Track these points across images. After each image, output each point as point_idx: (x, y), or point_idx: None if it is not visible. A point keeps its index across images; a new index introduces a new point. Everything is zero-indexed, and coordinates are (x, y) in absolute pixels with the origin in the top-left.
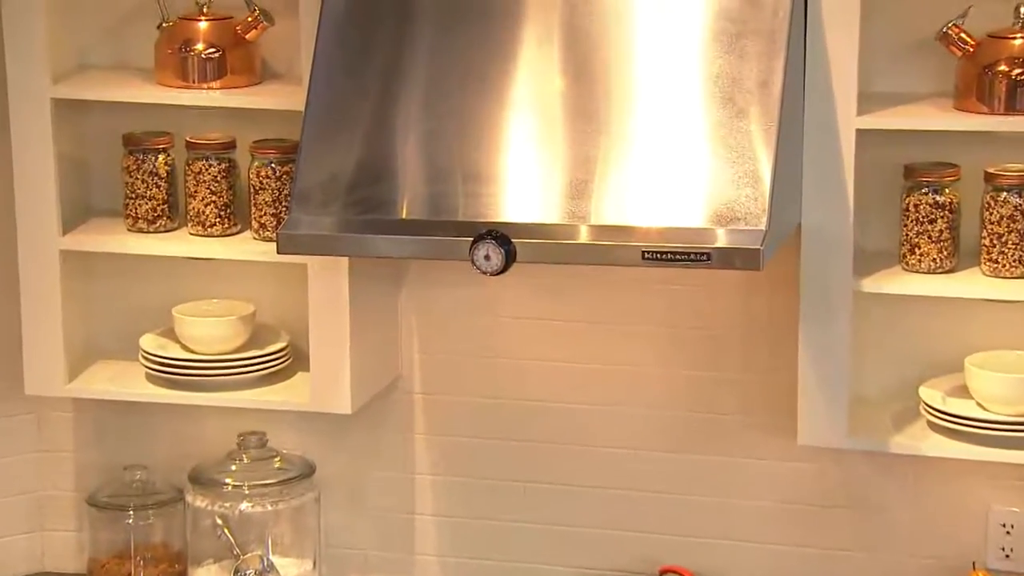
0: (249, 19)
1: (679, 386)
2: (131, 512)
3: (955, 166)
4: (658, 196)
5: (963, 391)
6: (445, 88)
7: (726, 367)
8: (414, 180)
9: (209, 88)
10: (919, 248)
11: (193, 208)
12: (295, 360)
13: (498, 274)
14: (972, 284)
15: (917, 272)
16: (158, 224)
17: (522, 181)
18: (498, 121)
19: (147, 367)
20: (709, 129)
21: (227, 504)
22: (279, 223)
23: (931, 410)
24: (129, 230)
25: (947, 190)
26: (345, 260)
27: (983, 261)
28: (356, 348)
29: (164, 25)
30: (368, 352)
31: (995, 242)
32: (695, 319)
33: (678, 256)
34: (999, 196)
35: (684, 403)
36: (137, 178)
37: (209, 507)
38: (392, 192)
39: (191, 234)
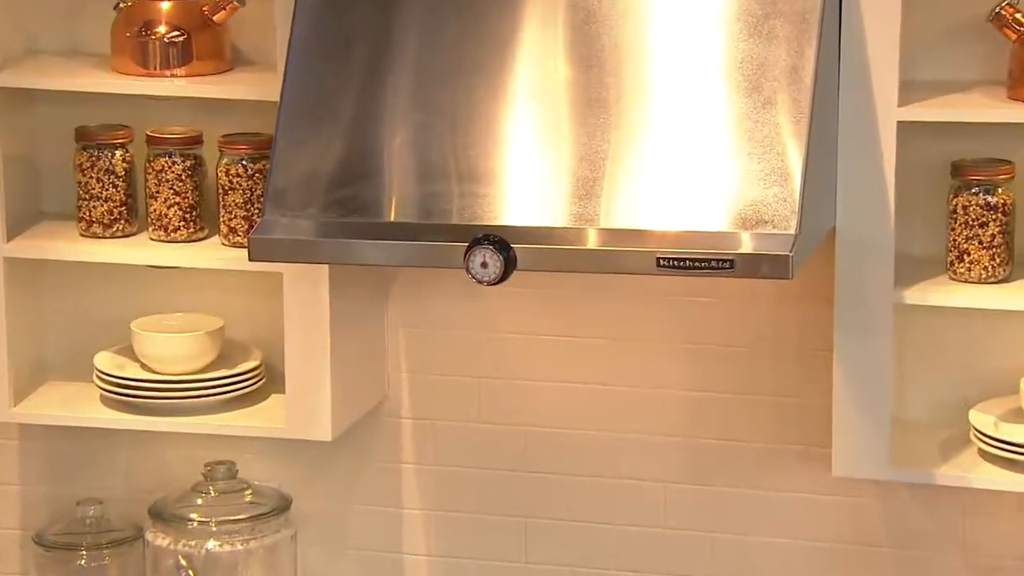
0: None
1: (700, 410)
2: (84, 552)
3: (1009, 163)
4: (675, 196)
5: (1018, 415)
6: (437, 76)
7: (753, 389)
8: (402, 179)
9: (172, 76)
10: (968, 255)
11: (154, 210)
12: (268, 381)
13: (496, 283)
14: None
15: (966, 282)
16: (115, 228)
17: (523, 180)
18: (496, 113)
19: (102, 389)
20: (732, 121)
21: (192, 543)
22: (251, 227)
23: (982, 437)
24: (82, 235)
25: (1000, 190)
26: (325, 268)
27: None
28: (337, 367)
29: (121, 5)
30: (351, 372)
31: None
32: (717, 335)
33: (697, 263)
34: None
35: (706, 429)
36: (91, 177)
37: (171, 546)
38: (378, 192)
39: (152, 239)
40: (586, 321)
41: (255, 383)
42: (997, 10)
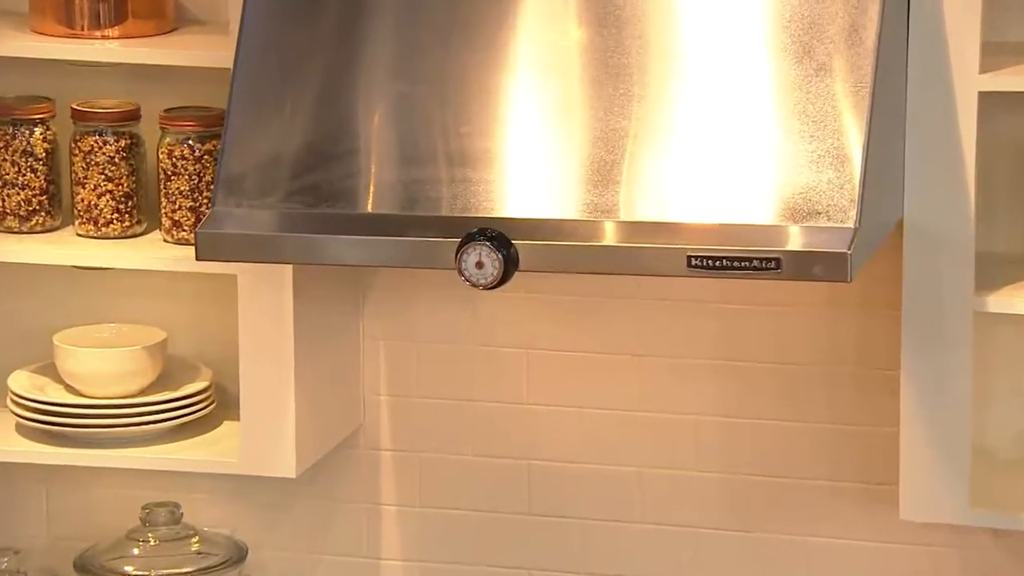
0: None
1: (741, 441)
2: None
3: None
4: (709, 183)
5: None
6: (423, 39)
7: (804, 415)
8: (381, 162)
9: (104, 38)
10: None
11: (82, 200)
12: (220, 405)
13: (495, 287)
14: None
15: None
16: (34, 222)
17: (526, 164)
18: (494, 83)
19: (18, 415)
20: (778, 92)
21: None
22: (198, 219)
23: None
24: None
25: None
26: (289, 270)
27: None
28: (303, 389)
29: None
30: (319, 394)
31: None
32: (761, 351)
33: (736, 263)
34: None
35: (748, 464)
36: (6, 159)
37: None
38: (352, 178)
39: (79, 235)
40: (602, 334)
41: (203, 408)
42: None
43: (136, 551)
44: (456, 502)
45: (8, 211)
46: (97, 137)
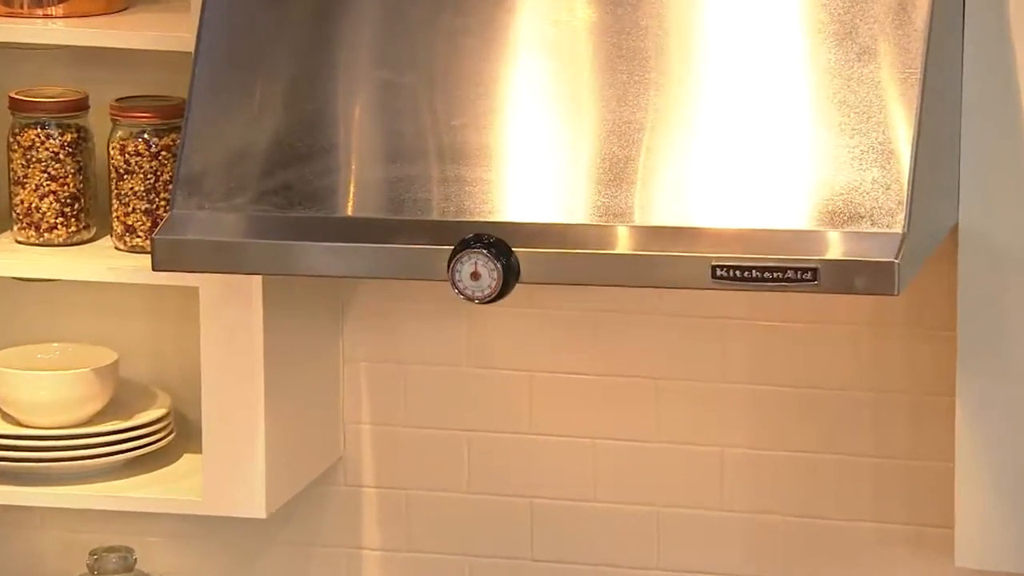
0: None
1: (772, 477)
2: None
3: None
4: (737, 182)
5: None
6: (410, 20)
7: (845, 448)
8: (363, 159)
9: (46, 16)
10: None
11: (21, 201)
12: (180, 436)
13: (492, 301)
14: None
15: None
16: None
17: (529, 160)
18: (491, 70)
19: None
20: (816, 79)
21: None
22: (155, 224)
23: None
24: None
25: None
26: (258, 282)
27: None
28: (274, 418)
29: None
30: (293, 424)
31: None
32: (795, 374)
33: (768, 274)
34: None
35: (781, 502)
36: None
37: None
38: (330, 177)
39: (19, 242)
40: (615, 355)
41: (160, 439)
42: None
43: None
44: (449, 546)
45: None
46: (39, 130)
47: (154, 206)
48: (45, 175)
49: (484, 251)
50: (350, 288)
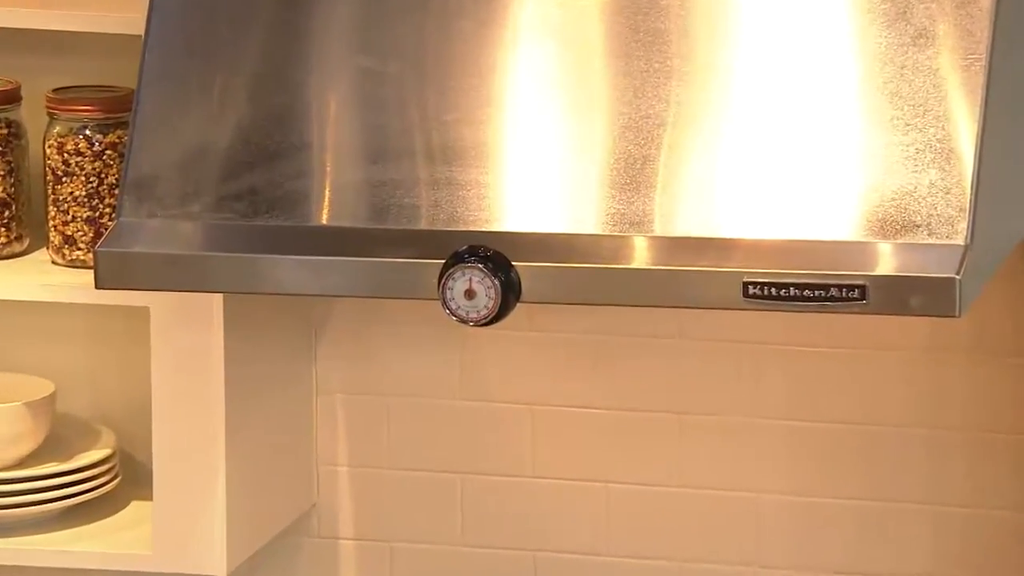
0: None
1: (818, 528)
2: None
3: None
4: (772, 186)
5: None
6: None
7: (899, 493)
8: (341, 159)
9: None
10: None
11: None
12: (127, 481)
13: (489, 324)
14: None
15: None
16: None
17: (531, 161)
18: (488, 56)
19: None
20: (865, 66)
21: None
22: (99, 235)
23: None
24: None
25: None
26: (218, 302)
27: None
28: (237, 459)
29: None
30: (258, 466)
31: None
32: (842, 407)
33: (808, 292)
34: None
35: (828, 558)
36: None
37: None
38: (301, 180)
39: None
40: (631, 385)
41: (105, 484)
42: None
43: None
44: None
45: None
46: None
47: (97, 213)
48: None
49: (480, 266)
50: (325, 308)
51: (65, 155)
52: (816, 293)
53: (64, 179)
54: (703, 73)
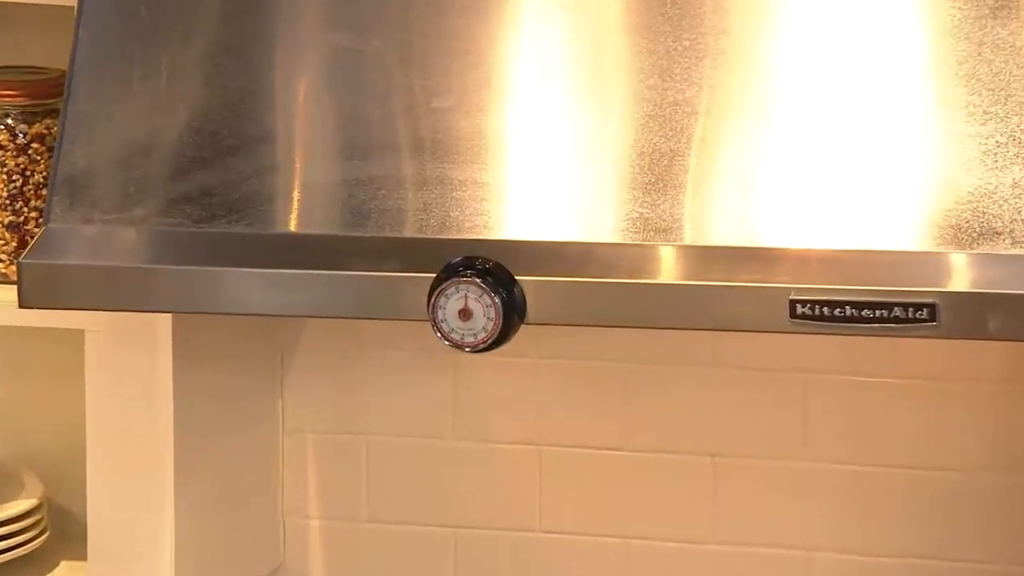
0: None
1: None
2: None
3: None
4: (823, 187)
5: None
6: None
7: (974, 551)
8: (311, 154)
9: None
10: None
11: None
12: (56, 536)
13: (488, 349)
14: None
15: None
16: None
17: (538, 156)
18: (486, 31)
19: None
20: (934, 43)
21: None
22: (23, 243)
23: None
24: None
25: None
26: (166, 323)
27: None
28: (188, 511)
29: None
30: (214, 519)
31: None
32: (907, 449)
33: (865, 311)
34: None
35: None
36: None
37: None
38: (265, 179)
39: None
40: (658, 423)
41: (30, 540)
42: None
43: None
44: None
45: None
46: None
47: (21, 218)
48: None
49: (477, 280)
50: (293, 331)
51: None
52: (876, 313)
53: None
54: (741, 52)
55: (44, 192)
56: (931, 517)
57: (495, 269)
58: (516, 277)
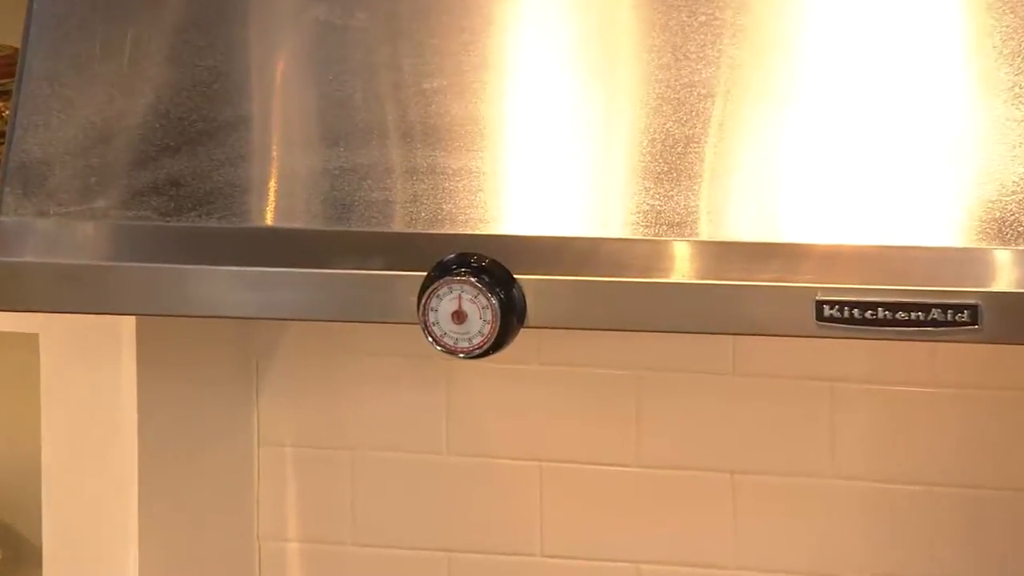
0: None
1: None
2: None
3: None
4: (854, 177)
5: None
6: None
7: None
8: (290, 140)
9: None
10: None
11: None
12: (8, 563)
13: (485, 355)
14: None
15: None
16: None
17: (539, 143)
18: (481, 4)
19: None
20: (971, 18)
21: None
22: None
23: None
24: None
25: None
26: (130, 326)
27: None
28: (153, 535)
29: None
30: (182, 542)
31: None
32: (945, 465)
33: (899, 313)
34: None
35: None
36: None
37: None
38: (239, 168)
39: None
40: (668, 436)
41: None
42: None
43: None
44: None
45: None
46: None
47: None
48: None
49: (472, 279)
50: (269, 336)
51: None
52: (912, 316)
53: None
54: (763, 28)
55: None
56: (973, 539)
57: (492, 267)
58: (515, 276)
